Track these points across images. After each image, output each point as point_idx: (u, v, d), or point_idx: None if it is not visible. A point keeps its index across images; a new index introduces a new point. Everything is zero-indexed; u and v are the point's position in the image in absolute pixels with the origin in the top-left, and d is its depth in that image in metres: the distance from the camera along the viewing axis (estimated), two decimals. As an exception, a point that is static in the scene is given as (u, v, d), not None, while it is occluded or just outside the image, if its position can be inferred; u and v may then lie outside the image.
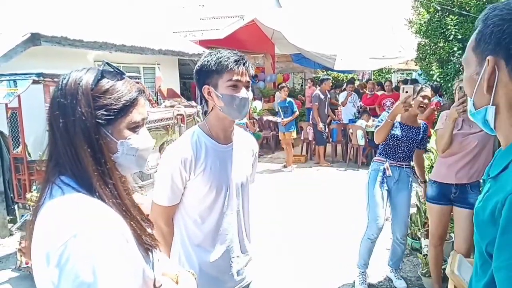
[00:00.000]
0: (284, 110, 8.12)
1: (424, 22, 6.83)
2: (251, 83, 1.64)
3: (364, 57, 11.28)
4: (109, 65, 1.03)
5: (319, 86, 8.98)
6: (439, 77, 6.44)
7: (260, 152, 2.12)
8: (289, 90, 9.11)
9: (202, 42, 9.68)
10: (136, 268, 0.98)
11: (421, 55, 7.34)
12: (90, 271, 0.85)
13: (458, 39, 6.13)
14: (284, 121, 8.06)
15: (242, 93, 1.57)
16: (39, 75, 3.80)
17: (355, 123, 8.52)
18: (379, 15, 13.04)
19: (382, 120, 3.25)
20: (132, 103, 1.03)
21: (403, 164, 3.33)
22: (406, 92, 3.06)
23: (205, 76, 1.58)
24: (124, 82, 1.04)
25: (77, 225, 0.88)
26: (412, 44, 8.24)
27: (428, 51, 6.83)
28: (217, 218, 1.64)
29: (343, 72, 14.57)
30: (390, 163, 3.31)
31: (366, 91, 10.31)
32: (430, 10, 6.81)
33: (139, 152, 1.06)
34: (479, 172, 2.88)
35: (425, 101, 3.21)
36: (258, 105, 10.49)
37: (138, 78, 6.94)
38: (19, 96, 4.01)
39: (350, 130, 8.27)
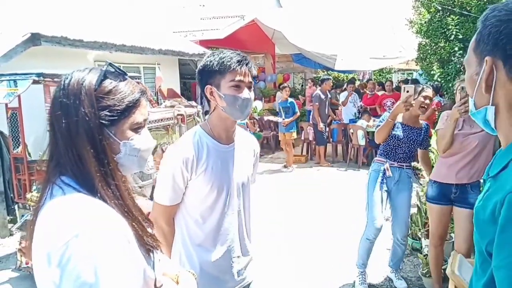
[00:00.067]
0: (285, 110, 8.12)
1: (425, 22, 6.82)
2: (253, 84, 1.65)
3: (365, 57, 11.27)
4: (112, 65, 1.03)
5: (319, 86, 8.97)
6: (440, 77, 6.43)
7: (261, 152, 2.13)
8: (290, 90, 9.10)
9: (203, 42, 9.68)
10: (137, 268, 0.98)
11: (421, 55, 7.33)
12: (91, 271, 0.85)
13: (459, 39, 6.12)
14: (285, 122, 8.05)
15: (245, 93, 1.57)
16: (39, 75, 3.81)
17: (355, 123, 8.51)
18: (380, 15, 13.01)
19: (383, 120, 3.24)
20: (135, 104, 1.03)
21: (403, 165, 3.33)
22: (407, 91, 3.06)
23: (207, 76, 1.58)
24: (126, 83, 1.04)
25: (79, 225, 0.88)
26: (413, 44, 8.22)
27: (429, 51, 6.82)
28: (218, 218, 1.64)
29: (344, 72, 14.56)
30: (391, 164, 3.31)
31: (366, 91, 10.31)
32: (431, 10, 6.80)
33: (141, 153, 1.07)
34: (480, 172, 2.88)
35: (427, 102, 3.21)
36: (259, 105, 10.48)
37: (138, 78, 6.95)
38: (19, 96, 4.01)
39: (351, 130, 8.27)
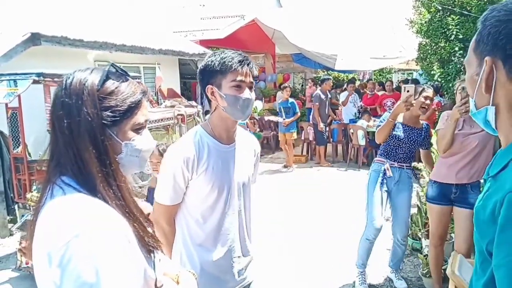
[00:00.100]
0: (286, 110, 8.11)
1: (425, 22, 6.81)
2: (254, 84, 1.65)
3: (365, 57, 11.27)
4: (114, 66, 1.03)
5: (319, 86, 8.97)
6: (440, 77, 6.42)
7: (261, 152, 2.12)
8: (291, 90, 9.09)
9: (203, 42, 9.68)
10: (137, 268, 0.98)
11: (422, 55, 7.33)
12: (92, 271, 0.84)
13: (459, 39, 6.11)
14: (286, 122, 8.04)
15: (246, 93, 1.57)
16: (39, 75, 3.81)
17: (355, 123, 8.51)
18: (380, 15, 13.01)
19: (384, 120, 3.24)
20: (137, 105, 1.03)
21: (403, 165, 3.32)
22: (408, 91, 3.05)
23: (209, 76, 1.58)
24: (128, 83, 1.04)
25: (79, 225, 0.88)
26: (413, 44, 8.21)
27: (429, 51, 6.81)
28: (218, 217, 1.64)
29: (344, 72, 14.56)
30: (391, 164, 3.30)
31: (366, 91, 10.30)
32: (431, 10, 6.79)
33: (142, 153, 1.07)
34: (480, 172, 2.88)
35: (427, 102, 3.20)
36: (259, 105, 10.47)
37: (138, 78, 6.95)
38: (19, 96, 4.01)
39: (351, 130, 8.27)
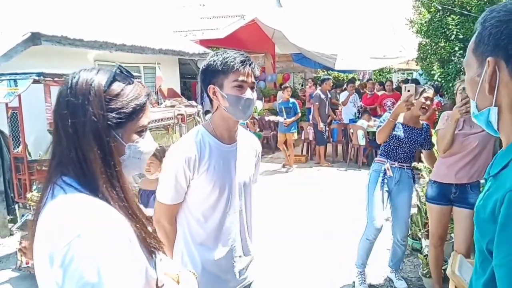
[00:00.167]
0: (287, 111, 8.10)
1: (425, 22, 6.81)
2: (255, 84, 1.65)
3: (365, 56, 11.26)
4: (121, 68, 1.03)
5: (319, 86, 8.97)
6: (440, 77, 6.42)
7: (261, 152, 2.12)
8: (292, 90, 9.09)
9: (203, 42, 9.68)
10: (139, 268, 0.98)
11: (422, 55, 7.33)
12: (94, 271, 0.84)
13: (459, 39, 6.11)
14: (287, 122, 8.03)
15: (247, 93, 1.58)
16: (39, 74, 3.81)
17: (355, 123, 8.51)
18: (380, 15, 13.00)
19: (384, 120, 3.24)
20: (141, 108, 1.03)
21: (404, 165, 3.32)
22: (408, 91, 3.05)
23: (211, 76, 1.59)
24: (134, 86, 1.04)
25: (81, 225, 0.88)
26: (413, 44, 8.21)
27: (429, 51, 6.81)
28: (219, 217, 1.65)
29: (344, 71, 14.55)
30: (391, 164, 3.30)
31: (366, 91, 10.30)
32: (431, 9, 6.80)
33: (143, 155, 1.07)
34: (479, 172, 2.89)
35: (428, 103, 3.20)
36: (259, 105, 10.47)
37: (138, 78, 6.94)
38: (19, 96, 4.01)
39: (351, 130, 8.27)
